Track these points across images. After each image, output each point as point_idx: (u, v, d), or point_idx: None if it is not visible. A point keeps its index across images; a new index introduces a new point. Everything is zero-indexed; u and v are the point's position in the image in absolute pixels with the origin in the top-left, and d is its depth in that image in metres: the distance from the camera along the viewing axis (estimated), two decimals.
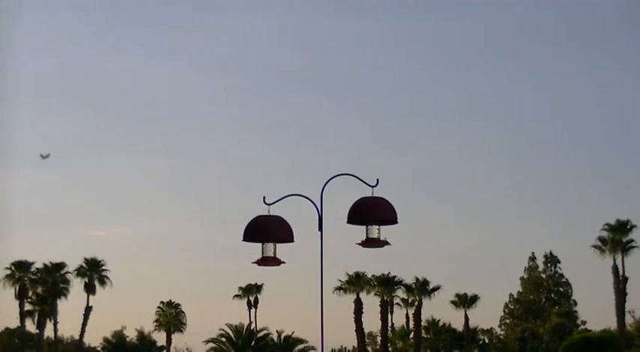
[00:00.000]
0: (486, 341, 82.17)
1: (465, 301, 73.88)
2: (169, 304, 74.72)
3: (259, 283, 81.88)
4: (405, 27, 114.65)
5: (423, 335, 74.03)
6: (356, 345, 69.47)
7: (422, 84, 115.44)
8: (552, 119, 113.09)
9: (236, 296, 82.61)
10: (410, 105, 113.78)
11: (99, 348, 71.81)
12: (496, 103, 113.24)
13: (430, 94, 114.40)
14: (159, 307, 74.70)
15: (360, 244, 9.39)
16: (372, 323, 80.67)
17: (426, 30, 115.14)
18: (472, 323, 76.00)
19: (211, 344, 51.83)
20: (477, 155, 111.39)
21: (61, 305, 70.51)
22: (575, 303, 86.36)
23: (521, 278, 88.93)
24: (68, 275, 70.90)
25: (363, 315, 67.89)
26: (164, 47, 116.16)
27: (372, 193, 9.34)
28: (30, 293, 70.38)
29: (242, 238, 9.49)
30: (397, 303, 74.20)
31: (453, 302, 74.08)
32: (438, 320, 76.61)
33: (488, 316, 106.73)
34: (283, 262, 9.60)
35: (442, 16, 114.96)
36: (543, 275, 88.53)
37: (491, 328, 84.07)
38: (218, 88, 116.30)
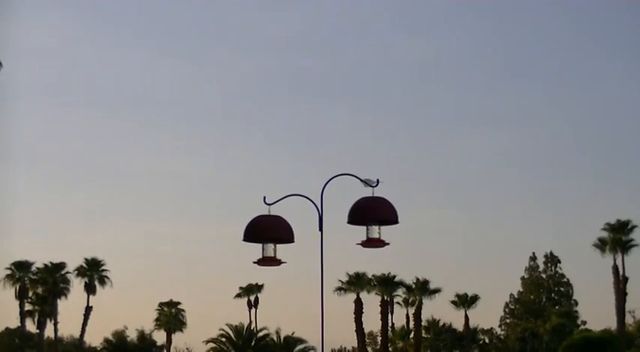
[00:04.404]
0: (486, 341, 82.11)
1: (465, 301, 73.84)
2: (169, 304, 74.67)
3: (259, 283, 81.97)
4: (409, 29, 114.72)
5: (423, 335, 73.98)
6: (356, 345, 69.41)
7: (423, 85, 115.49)
8: (552, 120, 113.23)
9: (236, 296, 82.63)
10: (410, 107, 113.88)
11: (99, 348, 71.77)
12: (497, 105, 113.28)
13: (431, 96, 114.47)
14: (159, 307, 74.67)
15: (360, 244, 9.39)
16: (372, 323, 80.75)
17: (429, 31, 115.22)
18: (472, 323, 76.03)
19: (211, 344, 51.73)
20: (478, 156, 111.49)
21: (61, 305, 70.55)
22: (576, 303, 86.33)
23: (522, 278, 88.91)
24: (68, 275, 70.91)
25: (363, 315, 67.82)
26: (165, 46, 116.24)
27: (372, 193, 9.33)
28: (30, 293, 70.34)
29: (242, 238, 9.49)
30: (397, 303, 74.23)
31: (453, 302, 74.04)
32: (438, 320, 76.59)
33: (488, 316, 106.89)
34: (283, 262, 9.60)
35: (447, 19, 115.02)
36: (544, 275, 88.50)
37: (492, 328, 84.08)
38: (218, 88, 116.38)
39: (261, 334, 53.00)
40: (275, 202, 9.45)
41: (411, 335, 73.96)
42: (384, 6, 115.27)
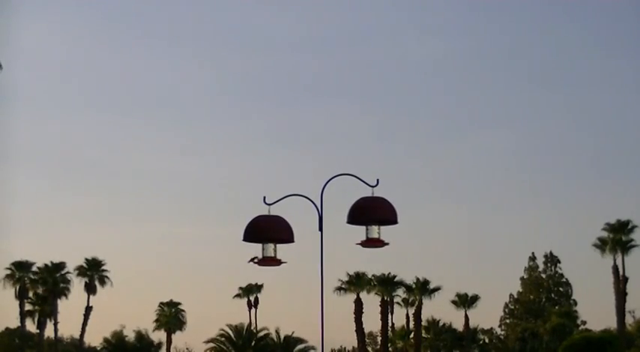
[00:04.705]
0: (486, 341, 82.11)
1: (465, 301, 73.82)
2: (169, 304, 74.66)
3: (259, 283, 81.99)
4: (410, 30, 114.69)
5: (423, 335, 73.95)
6: (356, 345, 69.37)
7: (423, 85, 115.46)
8: (553, 120, 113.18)
9: (236, 296, 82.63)
10: (410, 107, 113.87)
11: (99, 348, 71.72)
12: (497, 105, 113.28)
13: (431, 96, 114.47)
14: (159, 307, 74.67)
15: (360, 244, 9.38)
16: (372, 323, 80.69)
17: (430, 32, 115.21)
18: (472, 323, 76.01)
19: (211, 344, 51.72)
20: (477, 156, 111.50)
21: (61, 305, 70.53)
22: (576, 303, 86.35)
23: (522, 278, 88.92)
24: (68, 275, 70.89)
25: (363, 315, 67.77)
26: (165, 46, 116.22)
27: (372, 193, 9.32)
28: (30, 293, 70.31)
29: (242, 238, 9.48)
30: (397, 303, 74.21)
31: (453, 302, 74.05)
32: (438, 320, 76.56)
33: (488, 316, 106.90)
34: (284, 262, 9.59)
35: (449, 20, 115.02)
36: (543, 275, 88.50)
37: (492, 328, 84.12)
38: (219, 88, 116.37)
39: (261, 334, 52.96)
40: (275, 202, 9.44)
41: (411, 335, 73.94)
42: (386, 7, 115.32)
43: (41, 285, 69.90)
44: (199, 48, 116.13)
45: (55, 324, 70.07)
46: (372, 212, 9.28)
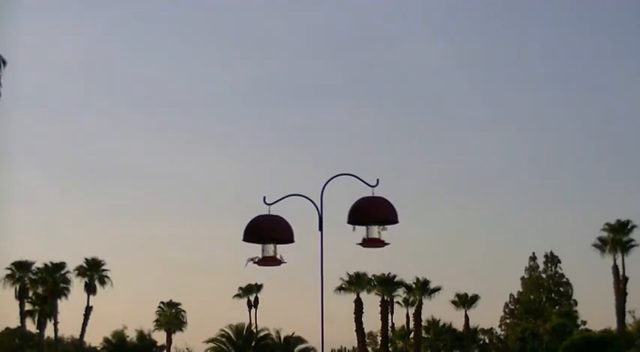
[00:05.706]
0: (486, 341, 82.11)
1: (465, 301, 73.83)
2: (169, 304, 74.68)
3: (259, 283, 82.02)
4: (410, 30, 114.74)
5: (424, 335, 73.96)
6: (356, 345, 69.37)
7: (423, 85, 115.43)
8: (552, 120, 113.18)
9: (236, 296, 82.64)
10: (410, 107, 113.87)
11: (99, 348, 71.74)
12: (496, 105, 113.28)
13: (431, 97, 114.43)
14: (159, 307, 74.68)
15: (360, 244, 9.36)
16: (372, 323, 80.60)
17: (431, 33, 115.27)
18: (472, 323, 76.04)
19: (211, 344, 51.67)
20: (477, 156, 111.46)
21: (61, 305, 70.51)
22: (576, 303, 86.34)
23: (522, 278, 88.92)
24: (68, 275, 70.89)
25: (363, 315, 67.78)
26: (165, 46, 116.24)
27: (372, 193, 9.30)
28: (30, 293, 70.30)
29: (242, 238, 9.46)
30: (397, 303, 74.22)
31: (453, 302, 74.06)
32: (439, 320, 76.61)
33: (488, 316, 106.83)
34: (284, 262, 9.57)
35: (450, 20, 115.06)
36: (543, 275, 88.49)
37: (492, 328, 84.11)
38: (219, 88, 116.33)
39: (261, 334, 52.93)
40: (275, 202, 9.41)
41: (411, 335, 73.94)
42: (386, 8, 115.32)
43: (41, 285, 69.88)
44: (201, 49, 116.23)
45: (55, 324, 70.07)
46: (372, 212, 9.26)
